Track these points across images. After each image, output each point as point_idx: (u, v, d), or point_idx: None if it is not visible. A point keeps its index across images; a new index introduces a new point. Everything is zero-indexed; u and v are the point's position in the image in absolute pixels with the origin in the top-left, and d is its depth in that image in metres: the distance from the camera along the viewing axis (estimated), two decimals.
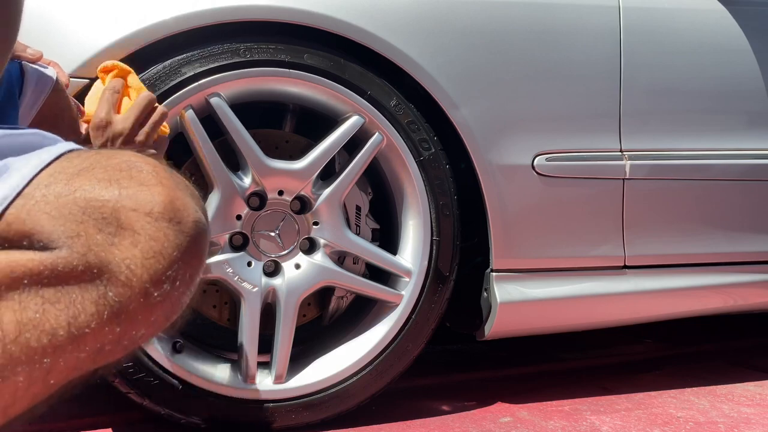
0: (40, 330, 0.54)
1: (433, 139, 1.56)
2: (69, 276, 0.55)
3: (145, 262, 0.57)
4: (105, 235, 0.56)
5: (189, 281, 0.61)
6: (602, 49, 1.67)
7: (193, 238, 0.60)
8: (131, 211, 0.57)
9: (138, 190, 0.58)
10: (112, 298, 0.56)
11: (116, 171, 0.58)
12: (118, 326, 0.57)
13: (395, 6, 1.52)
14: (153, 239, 0.57)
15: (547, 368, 2.10)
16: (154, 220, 0.58)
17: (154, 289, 0.58)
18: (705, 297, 1.82)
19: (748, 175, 1.82)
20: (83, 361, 0.58)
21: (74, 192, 0.56)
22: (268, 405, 1.50)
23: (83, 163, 0.59)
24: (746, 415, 1.65)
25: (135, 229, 0.57)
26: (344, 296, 1.63)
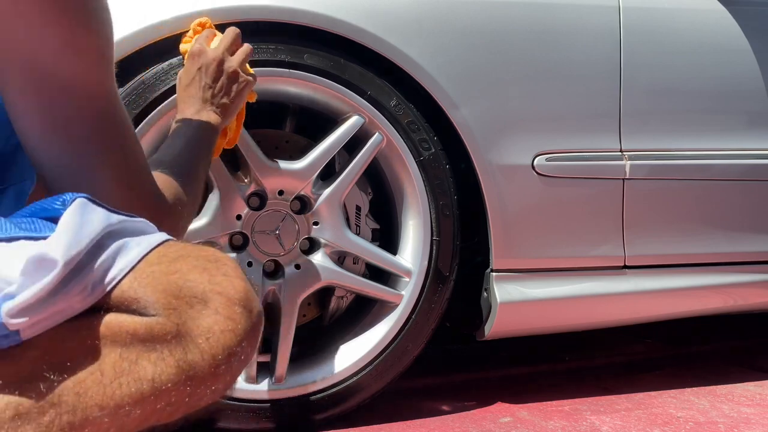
0: (132, 378, 0.66)
1: (433, 139, 1.56)
2: (161, 339, 0.67)
3: (220, 337, 0.69)
4: (194, 310, 0.68)
5: (248, 359, 0.72)
6: (602, 49, 1.67)
7: (256, 325, 0.72)
8: (217, 294, 0.69)
9: (223, 279, 0.71)
10: (190, 363, 0.68)
11: (207, 261, 0.72)
12: (189, 387, 0.69)
13: (395, 6, 1.52)
14: (229, 319, 0.69)
15: (547, 368, 2.10)
16: (233, 304, 0.70)
17: (223, 361, 0.69)
18: (705, 297, 1.82)
19: (748, 175, 1.82)
20: (153, 414, 0.68)
21: (175, 273, 0.69)
22: (268, 405, 1.50)
23: (181, 251, 0.72)
24: (746, 415, 1.65)
25: (218, 309, 0.69)
26: (344, 296, 1.63)
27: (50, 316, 0.65)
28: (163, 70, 1.40)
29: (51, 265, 0.64)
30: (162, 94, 1.40)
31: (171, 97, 1.40)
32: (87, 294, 0.67)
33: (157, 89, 1.40)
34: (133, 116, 1.38)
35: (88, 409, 0.65)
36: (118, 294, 0.68)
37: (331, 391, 1.54)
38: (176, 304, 0.68)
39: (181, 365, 0.67)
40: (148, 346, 0.67)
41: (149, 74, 1.40)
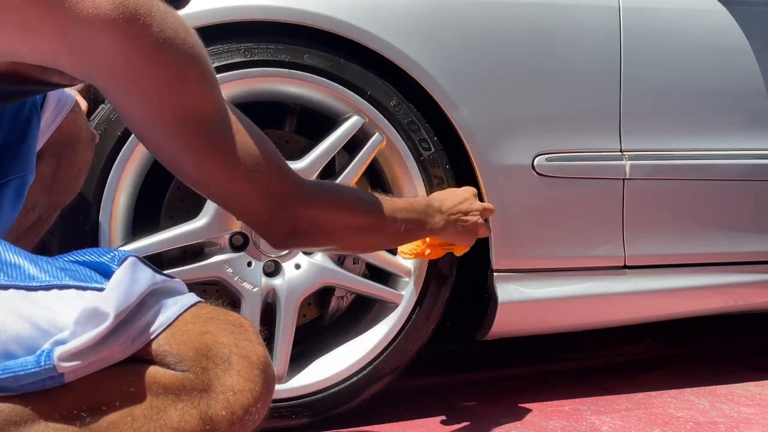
0: (158, 425, 0.73)
1: (433, 139, 1.56)
2: (188, 392, 0.74)
3: (239, 396, 0.75)
4: (220, 369, 0.75)
5: (259, 419, 0.78)
6: (602, 49, 1.67)
7: (271, 388, 0.80)
8: (241, 357, 0.76)
9: (247, 344, 0.78)
10: (211, 416, 0.74)
11: (234, 326, 0.79)
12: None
13: (395, 6, 1.52)
14: (249, 381, 0.76)
15: (547, 368, 2.10)
16: (253, 368, 0.77)
17: (240, 418, 0.75)
18: (705, 297, 1.82)
19: (748, 175, 1.82)
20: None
21: (206, 333, 0.77)
22: None
23: (211, 314, 0.79)
24: (746, 415, 1.65)
25: (240, 371, 0.76)
26: (344, 296, 1.63)
27: (94, 363, 0.72)
28: None
29: (103, 318, 0.71)
30: None
31: None
32: (128, 345, 0.74)
33: None
34: None
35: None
36: (155, 347, 0.75)
37: (331, 391, 1.54)
38: (205, 363, 0.75)
39: (203, 417, 0.74)
40: (177, 398, 0.74)
41: None
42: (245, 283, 1.48)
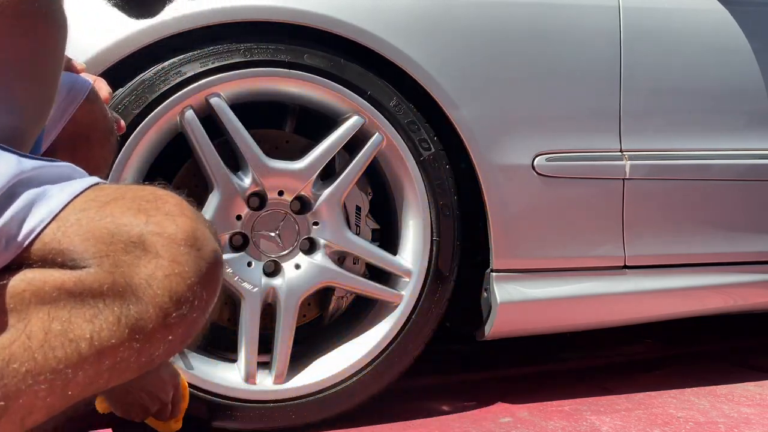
0: (66, 339, 0.59)
1: (433, 139, 1.56)
2: (96, 292, 0.60)
3: (165, 283, 0.61)
4: (131, 256, 0.61)
5: (205, 306, 0.65)
6: (602, 49, 1.67)
7: (211, 266, 0.65)
8: (156, 236, 0.62)
9: (163, 219, 0.63)
10: (134, 315, 0.60)
11: (144, 201, 0.64)
12: (137, 343, 0.61)
13: (395, 6, 1.52)
14: (175, 262, 0.62)
15: (547, 368, 2.10)
16: (177, 245, 0.63)
17: (173, 310, 0.62)
18: (705, 297, 1.82)
19: (748, 175, 1.82)
20: (100, 376, 0.61)
21: (105, 218, 0.62)
22: (268, 405, 1.50)
23: (114, 193, 0.65)
24: (746, 415, 1.65)
25: (159, 252, 0.62)
26: (344, 296, 1.63)
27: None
28: (164, 70, 1.40)
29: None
30: (162, 94, 1.40)
31: (171, 97, 1.40)
32: (1, 250, 0.60)
33: (157, 89, 1.40)
34: (132, 116, 1.38)
35: (18, 377, 0.58)
36: (40, 247, 0.61)
37: (331, 391, 1.54)
38: (109, 252, 0.60)
39: (123, 320, 0.60)
40: (81, 302, 0.60)
41: (149, 74, 1.40)
42: (245, 283, 1.48)
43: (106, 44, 1.36)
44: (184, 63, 1.41)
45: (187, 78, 1.41)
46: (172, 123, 1.43)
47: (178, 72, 1.40)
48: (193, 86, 1.41)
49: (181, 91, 1.41)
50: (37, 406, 0.60)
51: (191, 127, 1.43)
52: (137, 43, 1.37)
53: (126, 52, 1.37)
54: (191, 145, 1.45)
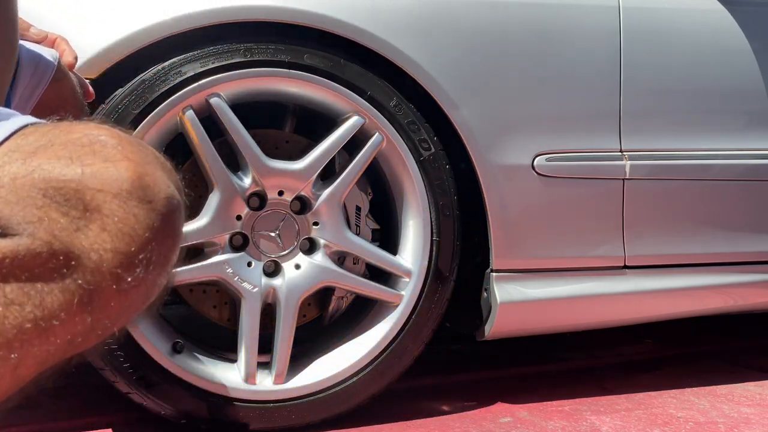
0: (4, 324, 0.51)
1: (433, 139, 1.56)
2: (33, 264, 0.51)
3: (115, 247, 0.53)
4: (69, 219, 0.52)
5: (164, 262, 0.57)
6: (602, 49, 1.67)
7: (166, 217, 0.56)
8: (97, 191, 0.53)
9: (103, 168, 0.53)
10: (82, 286, 0.53)
11: (77, 147, 0.54)
12: (90, 315, 0.54)
13: (395, 6, 1.52)
14: (122, 221, 0.53)
15: (547, 368, 2.10)
16: (123, 200, 0.53)
17: (127, 274, 0.54)
18: (705, 297, 1.82)
19: (748, 175, 1.82)
20: (54, 353, 0.55)
21: (32, 173, 0.52)
22: (268, 405, 1.50)
23: (41, 140, 0.54)
24: (746, 415, 1.65)
25: (102, 211, 0.53)
26: (344, 296, 1.63)
27: None
28: (164, 70, 1.40)
29: None
30: (162, 94, 1.40)
31: (171, 97, 1.40)
32: None
33: (157, 89, 1.40)
34: (132, 116, 1.38)
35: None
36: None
37: (331, 391, 1.54)
38: (42, 215, 0.51)
39: (69, 292, 0.52)
40: (16, 276, 0.51)
41: (149, 74, 1.40)
42: (245, 284, 1.48)
43: (106, 44, 1.36)
44: (184, 63, 1.41)
45: (187, 78, 1.41)
46: (172, 123, 1.42)
47: (178, 72, 1.41)
48: (193, 86, 1.41)
49: (181, 91, 1.41)
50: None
51: (191, 127, 1.42)
52: (137, 42, 1.37)
53: (126, 52, 1.37)
54: (191, 145, 1.45)
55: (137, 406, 1.48)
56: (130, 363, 1.42)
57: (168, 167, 0.59)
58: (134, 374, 1.43)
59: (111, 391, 1.49)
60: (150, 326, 1.45)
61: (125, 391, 1.45)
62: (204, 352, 1.53)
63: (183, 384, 1.46)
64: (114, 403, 1.70)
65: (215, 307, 1.61)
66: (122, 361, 1.42)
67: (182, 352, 1.47)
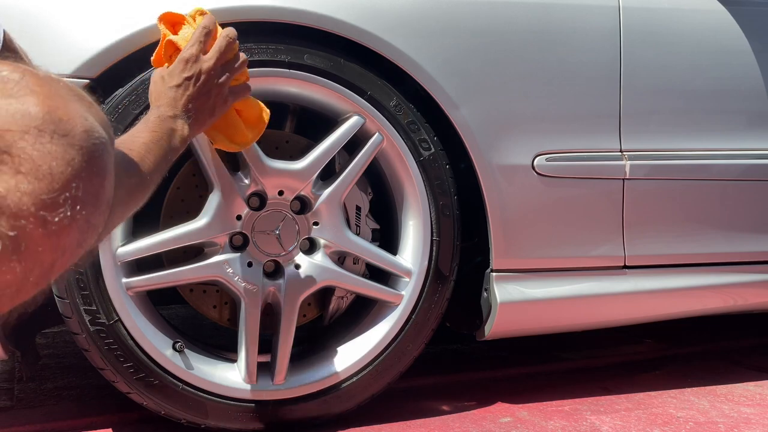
0: None
1: (433, 139, 1.56)
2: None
3: (32, 188, 0.49)
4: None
5: (93, 201, 0.54)
6: (602, 49, 1.67)
7: (87, 151, 0.52)
8: (4, 132, 0.49)
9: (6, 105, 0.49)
10: (5, 233, 0.49)
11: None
12: (21, 261, 0.51)
13: (395, 6, 1.52)
14: (36, 160, 0.49)
15: (547, 368, 2.10)
16: (34, 137, 0.49)
17: (52, 215, 0.51)
18: (705, 297, 1.82)
19: (748, 175, 1.82)
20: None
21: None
22: (268, 405, 1.51)
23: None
24: (746, 415, 1.65)
25: (12, 152, 0.49)
26: (344, 296, 1.63)
27: None
28: None
29: None
30: None
31: None
32: None
33: None
34: (133, 116, 1.38)
35: None
36: None
37: (331, 391, 1.54)
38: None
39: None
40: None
41: (149, 74, 1.40)
42: (245, 283, 1.48)
43: (107, 44, 1.36)
44: None
45: None
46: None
47: None
48: None
49: None
50: None
51: None
52: (138, 42, 1.37)
53: (127, 52, 1.37)
54: (191, 144, 1.44)
55: (137, 406, 1.48)
56: (130, 363, 1.42)
57: (87, 100, 0.56)
58: (134, 374, 1.43)
59: (111, 391, 1.49)
60: (150, 326, 1.45)
61: (125, 391, 1.45)
62: (204, 352, 1.53)
63: (183, 384, 1.46)
64: (114, 403, 1.70)
65: (215, 307, 1.61)
66: (122, 361, 1.42)
67: (182, 351, 1.47)
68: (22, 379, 1.97)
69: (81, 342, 1.42)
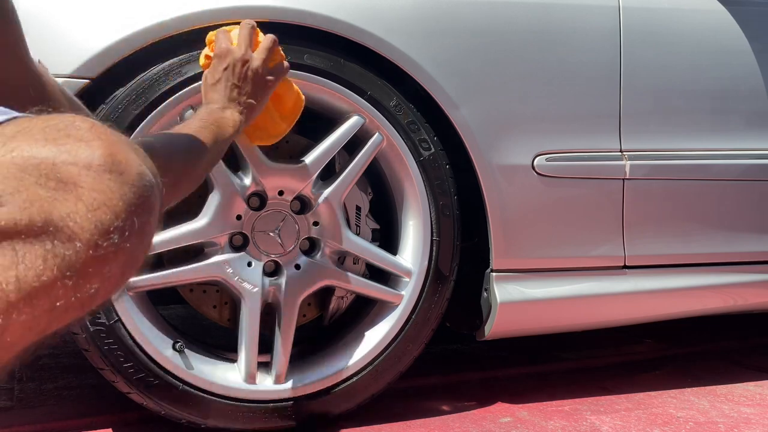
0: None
1: (433, 139, 1.56)
2: (12, 232, 0.55)
3: (89, 215, 0.57)
4: (46, 190, 0.56)
5: (139, 233, 0.61)
6: (602, 49, 1.67)
7: (138, 190, 0.60)
8: (70, 165, 0.57)
9: (76, 146, 0.58)
10: (60, 252, 0.56)
11: (54, 131, 0.59)
12: (70, 281, 0.57)
13: (395, 6, 1.52)
14: (95, 191, 0.58)
15: (547, 368, 2.10)
16: (95, 172, 0.58)
17: (102, 241, 0.58)
18: (705, 297, 1.82)
19: (748, 175, 1.82)
20: (39, 319, 0.58)
21: (11, 152, 0.57)
22: (268, 405, 1.51)
23: (20, 126, 0.59)
24: (746, 415, 1.65)
25: (76, 182, 0.57)
26: (344, 296, 1.63)
27: None
28: (164, 70, 1.40)
29: None
30: (162, 94, 1.40)
31: (171, 97, 1.40)
32: None
33: (158, 89, 1.40)
34: (133, 116, 1.38)
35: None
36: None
37: (331, 391, 1.54)
38: (21, 188, 0.56)
39: (49, 258, 0.56)
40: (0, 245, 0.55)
41: (149, 74, 1.40)
42: (245, 283, 1.48)
43: (106, 44, 1.36)
44: (184, 63, 1.41)
45: (187, 78, 1.41)
46: (172, 123, 1.42)
47: (178, 72, 1.41)
48: (193, 86, 1.41)
49: (181, 91, 1.41)
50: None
51: None
52: (137, 42, 1.37)
53: (126, 52, 1.37)
54: None
55: (137, 406, 1.48)
56: (130, 363, 1.42)
57: (141, 153, 0.64)
58: (134, 374, 1.43)
59: (111, 391, 1.49)
60: (150, 326, 1.45)
61: (125, 391, 1.45)
62: (204, 352, 1.53)
63: (183, 384, 1.46)
64: (114, 403, 1.70)
65: (215, 307, 1.61)
66: (122, 361, 1.42)
67: (182, 351, 1.47)
68: (22, 379, 1.97)
69: (81, 342, 1.42)
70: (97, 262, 0.58)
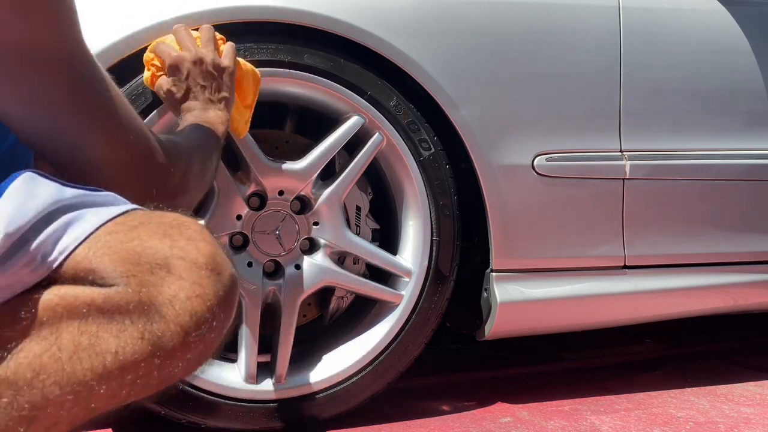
0: (93, 352, 0.62)
1: (433, 139, 1.56)
2: (122, 309, 0.64)
3: (187, 304, 0.66)
4: (156, 277, 0.65)
5: (221, 327, 0.69)
6: (602, 49, 1.67)
7: (229, 289, 0.70)
8: (179, 259, 0.67)
9: (186, 243, 0.68)
10: (156, 333, 0.64)
11: (168, 227, 0.69)
12: (158, 359, 0.65)
13: (395, 6, 1.52)
14: (196, 284, 0.66)
15: (547, 368, 2.10)
16: (198, 268, 0.67)
17: (193, 329, 0.66)
18: (705, 297, 1.82)
19: (748, 175, 1.82)
20: (122, 389, 0.65)
21: (133, 240, 0.66)
22: (268, 405, 1.51)
23: (141, 219, 0.69)
24: (746, 415, 1.65)
25: (181, 275, 0.66)
26: (344, 296, 1.63)
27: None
28: None
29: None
30: None
31: None
32: (36, 266, 0.64)
33: None
34: None
35: (47, 387, 0.61)
36: (72, 265, 0.65)
37: (331, 391, 1.54)
38: (136, 272, 0.65)
39: (146, 336, 0.64)
40: (109, 318, 0.63)
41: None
42: (245, 283, 1.48)
43: (107, 44, 1.36)
44: None
45: None
46: (172, 123, 1.42)
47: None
48: None
49: None
50: (62, 417, 0.62)
51: None
52: (138, 42, 1.37)
53: (127, 52, 1.37)
54: None
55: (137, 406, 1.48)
56: None
57: (230, 257, 0.74)
58: None
59: None
60: None
61: None
62: None
63: (182, 383, 1.45)
64: None
65: None
66: None
67: None
68: None
69: None
70: (184, 347, 0.66)
